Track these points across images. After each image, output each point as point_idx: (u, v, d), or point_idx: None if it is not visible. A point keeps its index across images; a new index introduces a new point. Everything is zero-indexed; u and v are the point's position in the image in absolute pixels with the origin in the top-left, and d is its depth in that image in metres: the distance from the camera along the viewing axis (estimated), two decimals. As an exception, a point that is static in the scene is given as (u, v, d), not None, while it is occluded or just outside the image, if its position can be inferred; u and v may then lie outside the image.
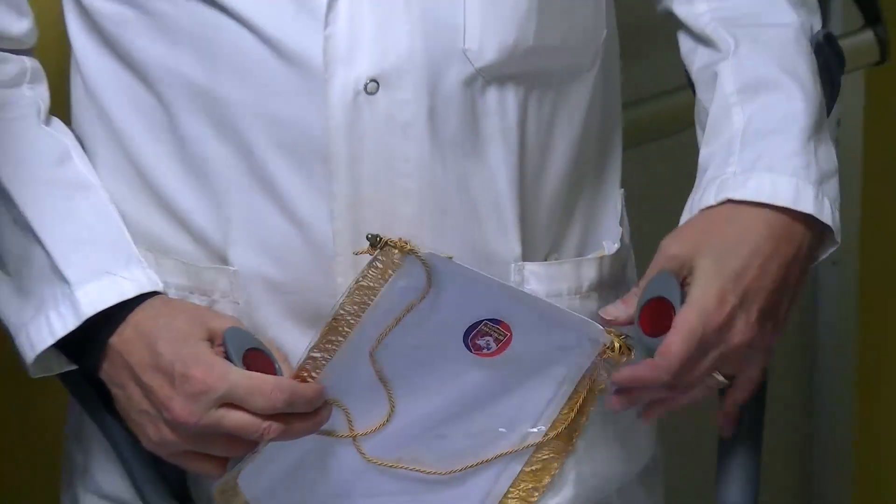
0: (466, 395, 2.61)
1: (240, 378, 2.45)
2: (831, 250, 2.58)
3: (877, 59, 4.05)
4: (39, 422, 2.94)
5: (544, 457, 2.70)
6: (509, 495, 2.71)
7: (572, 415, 2.65)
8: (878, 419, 4.60)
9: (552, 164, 2.67)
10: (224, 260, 2.57)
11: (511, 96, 2.56)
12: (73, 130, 2.68)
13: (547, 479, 2.69)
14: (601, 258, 2.68)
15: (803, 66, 2.68)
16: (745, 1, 2.75)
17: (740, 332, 2.57)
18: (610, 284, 2.70)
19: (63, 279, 2.52)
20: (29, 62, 2.63)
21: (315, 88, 2.50)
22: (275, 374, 2.50)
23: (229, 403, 2.47)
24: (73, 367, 2.54)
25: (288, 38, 2.50)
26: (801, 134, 2.63)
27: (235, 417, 2.44)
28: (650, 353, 2.50)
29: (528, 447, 2.65)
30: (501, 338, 2.51)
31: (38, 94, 2.63)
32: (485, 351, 2.53)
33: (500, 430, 2.67)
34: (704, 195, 2.60)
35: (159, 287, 2.52)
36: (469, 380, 2.60)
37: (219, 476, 2.53)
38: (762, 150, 2.64)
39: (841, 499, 4.50)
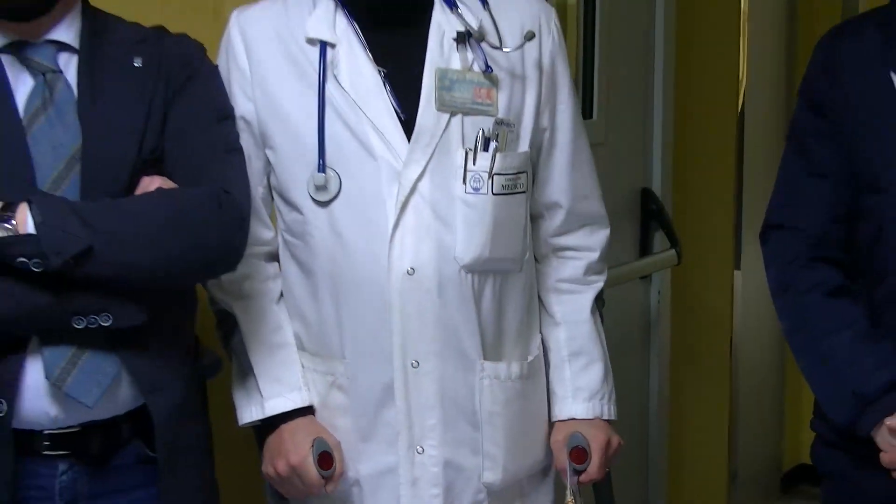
0: None
1: (303, 466, 2.53)
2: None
3: (676, 263, 4.03)
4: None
5: None
6: None
7: None
8: (680, 431, 4.40)
9: (500, 315, 2.63)
10: (342, 356, 2.58)
11: (477, 279, 2.56)
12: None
13: None
14: (527, 362, 2.67)
15: (597, 339, 2.78)
16: (578, 311, 2.76)
17: (615, 446, 2.72)
18: (528, 376, 2.69)
19: (260, 394, 2.61)
20: (272, 269, 2.67)
21: (383, 273, 2.51)
22: (334, 468, 2.57)
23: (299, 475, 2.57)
24: (258, 424, 2.64)
25: (371, 251, 2.51)
26: (600, 380, 2.76)
27: (296, 483, 2.56)
28: (577, 472, 2.64)
29: None
30: None
31: (277, 285, 2.66)
32: None
33: None
34: (561, 411, 2.73)
35: (307, 403, 2.62)
36: None
37: (299, 496, 2.67)
38: (582, 388, 2.74)
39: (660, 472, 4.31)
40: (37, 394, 2.28)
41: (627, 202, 3.92)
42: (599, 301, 2.82)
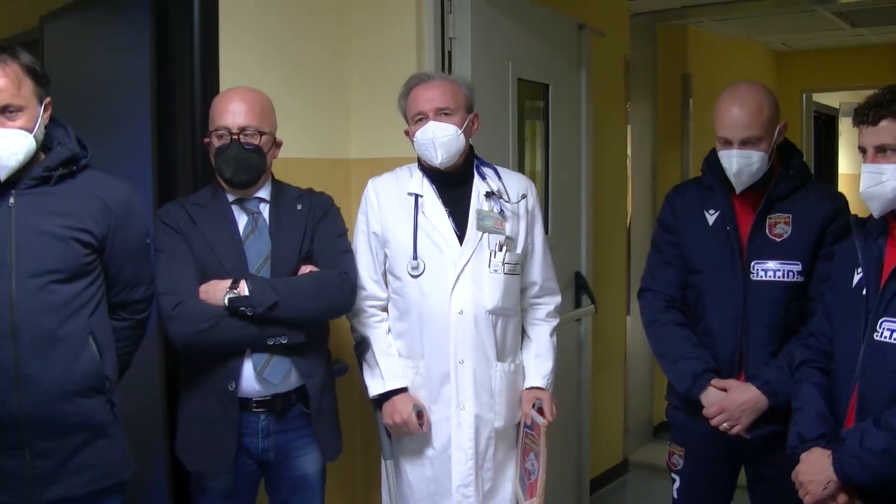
0: None
1: (410, 419, 2.51)
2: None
3: (594, 312, 3.92)
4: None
5: None
6: None
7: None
8: (598, 405, 4.31)
9: (504, 337, 2.60)
10: (422, 357, 2.56)
11: (494, 318, 2.55)
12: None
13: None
14: (515, 363, 2.64)
15: (550, 348, 2.69)
16: (542, 334, 2.69)
17: (555, 404, 2.64)
18: (516, 372, 2.63)
19: (382, 379, 2.56)
20: (385, 314, 2.62)
21: (446, 311, 2.51)
22: (424, 419, 2.54)
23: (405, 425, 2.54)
24: (377, 397, 2.56)
25: (441, 302, 2.51)
26: (550, 370, 2.68)
27: (404, 428, 2.53)
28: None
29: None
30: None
31: (387, 323, 2.59)
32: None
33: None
34: (529, 383, 2.64)
35: (405, 385, 2.56)
36: None
37: (404, 435, 2.57)
38: (540, 371, 2.66)
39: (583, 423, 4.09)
40: (249, 378, 2.35)
41: (568, 278, 3.83)
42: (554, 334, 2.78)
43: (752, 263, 2.48)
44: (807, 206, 2.49)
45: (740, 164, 2.44)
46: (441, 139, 2.49)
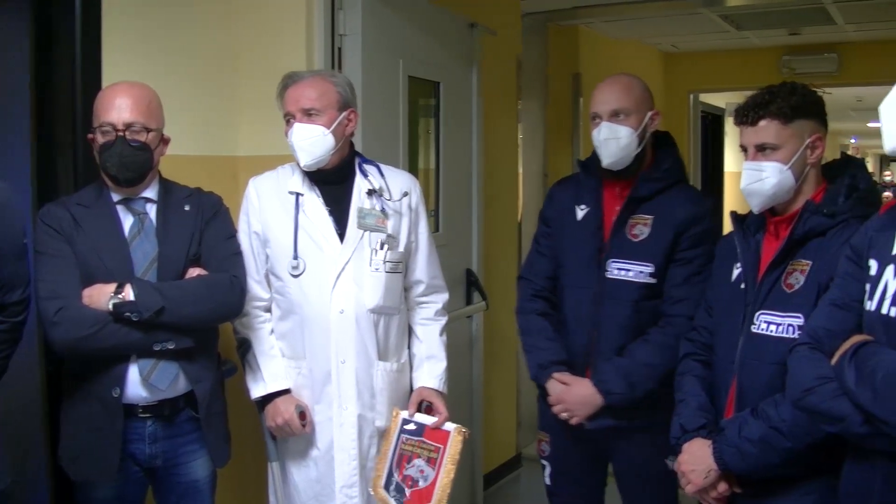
0: None
1: (292, 419, 2.51)
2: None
3: (485, 309, 3.96)
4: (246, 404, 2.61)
5: None
6: None
7: None
8: (490, 399, 4.39)
9: (387, 336, 2.60)
10: (304, 357, 2.56)
11: (376, 316, 2.56)
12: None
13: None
14: (399, 363, 2.65)
15: (442, 348, 2.71)
16: (432, 334, 2.70)
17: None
18: (400, 371, 2.64)
19: (264, 381, 2.57)
20: (268, 315, 2.61)
21: (327, 311, 2.50)
22: (307, 419, 2.54)
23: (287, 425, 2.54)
24: (260, 399, 2.57)
25: (321, 301, 2.51)
26: (443, 370, 2.69)
27: (286, 429, 2.53)
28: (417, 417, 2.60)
29: None
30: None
31: (270, 324, 2.59)
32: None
33: None
34: (420, 382, 2.65)
35: (288, 387, 2.57)
36: None
37: (288, 435, 2.57)
38: (433, 373, 2.67)
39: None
40: (135, 384, 2.32)
41: (459, 276, 3.85)
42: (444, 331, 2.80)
43: (609, 261, 2.59)
44: (668, 210, 2.60)
45: (607, 134, 2.56)
46: (302, 142, 2.50)
